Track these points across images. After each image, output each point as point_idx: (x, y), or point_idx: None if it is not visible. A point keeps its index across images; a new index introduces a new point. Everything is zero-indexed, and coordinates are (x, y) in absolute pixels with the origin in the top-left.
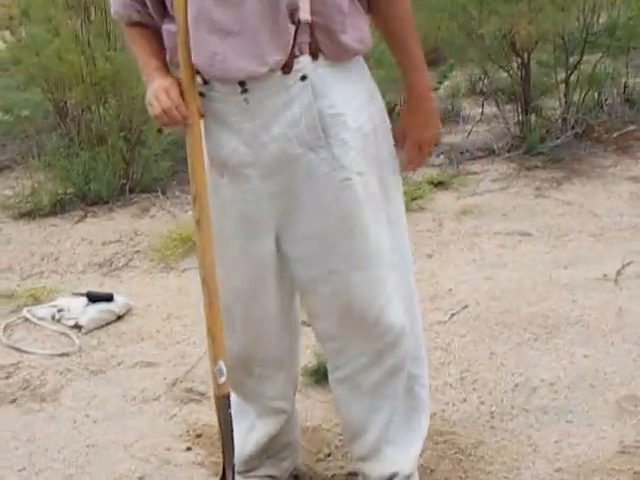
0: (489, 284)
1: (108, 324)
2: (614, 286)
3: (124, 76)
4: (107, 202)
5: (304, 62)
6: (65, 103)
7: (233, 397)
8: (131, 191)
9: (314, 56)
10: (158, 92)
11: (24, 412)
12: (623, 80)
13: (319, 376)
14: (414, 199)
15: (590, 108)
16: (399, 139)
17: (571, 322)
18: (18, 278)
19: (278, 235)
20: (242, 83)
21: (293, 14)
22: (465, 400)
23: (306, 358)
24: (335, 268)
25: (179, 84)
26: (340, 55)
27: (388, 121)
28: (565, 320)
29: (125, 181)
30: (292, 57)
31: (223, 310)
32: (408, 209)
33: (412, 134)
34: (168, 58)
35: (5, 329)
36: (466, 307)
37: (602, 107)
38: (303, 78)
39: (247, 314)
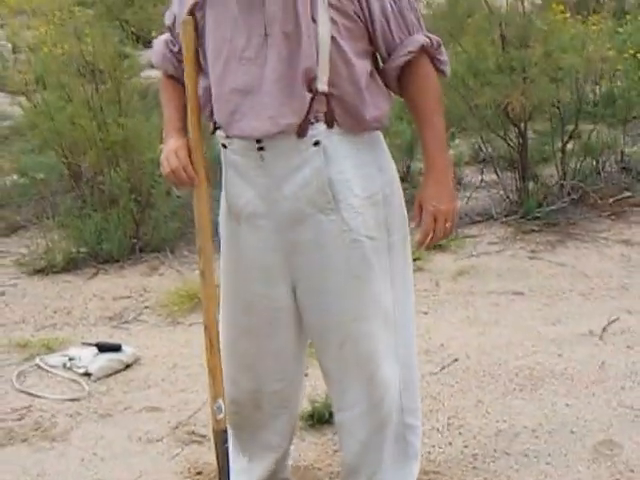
0: (480, 339)
1: (116, 372)
2: (599, 341)
3: (134, 141)
4: (118, 260)
5: (319, 129)
6: (79, 166)
7: (233, 442)
8: (141, 250)
9: (329, 125)
10: (169, 153)
11: (35, 450)
12: (620, 149)
13: (313, 421)
14: (414, 260)
15: (587, 175)
16: (416, 212)
17: (556, 374)
18: (32, 329)
19: (293, 283)
20: (259, 141)
21: (310, 82)
22: (450, 444)
23: (302, 404)
24: (342, 320)
25: (189, 146)
26: (354, 128)
27: (400, 191)
28: (550, 372)
29: (135, 241)
30: (307, 123)
31: (235, 348)
32: None
33: (428, 207)
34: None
35: (19, 375)
36: (457, 360)
37: (599, 174)
38: (316, 144)
39: (263, 350)
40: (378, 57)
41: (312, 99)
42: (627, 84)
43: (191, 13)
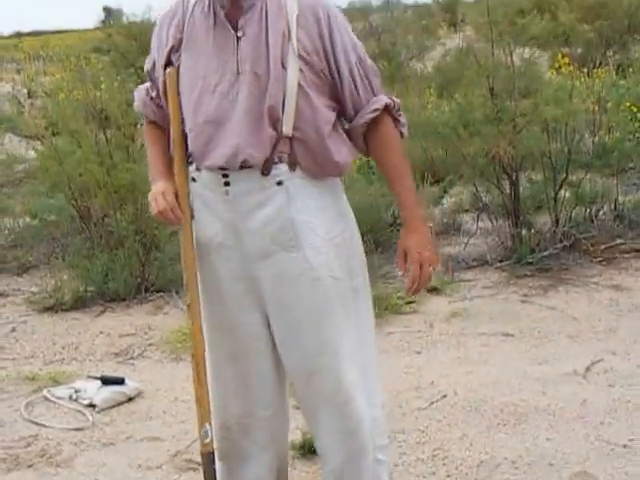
0: (468, 377)
1: (120, 404)
2: (582, 380)
3: (141, 185)
4: (124, 299)
5: (282, 170)
6: (88, 209)
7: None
8: (146, 290)
9: (291, 167)
10: (157, 195)
11: (40, 475)
12: (614, 197)
13: (304, 450)
14: (408, 303)
15: (580, 222)
16: (400, 261)
17: (539, 410)
18: (41, 363)
19: (266, 312)
20: (225, 175)
21: (275, 122)
22: (434, 473)
23: (294, 435)
24: (308, 355)
25: (175, 188)
26: (316, 173)
27: (359, 235)
28: (534, 409)
29: (141, 281)
30: (271, 162)
31: (222, 374)
32: (402, 312)
33: (413, 254)
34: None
35: (26, 406)
36: (445, 396)
37: (592, 221)
38: (279, 183)
39: (248, 375)
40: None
41: (277, 139)
42: (621, 135)
43: (168, 56)
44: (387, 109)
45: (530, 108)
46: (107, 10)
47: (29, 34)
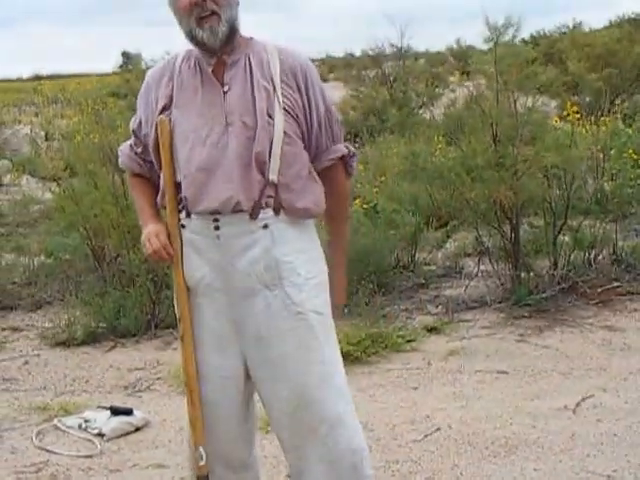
0: (462, 412)
1: (127, 434)
2: (572, 415)
3: None
4: (134, 335)
5: (268, 214)
6: (102, 248)
7: None
8: (156, 326)
9: (276, 211)
10: (150, 236)
11: None
12: (612, 243)
13: None
14: (409, 341)
15: (579, 266)
16: (340, 293)
17: (529, 443)
18: (52, 395)
19: (244, 354)
20: (216, 220)
21: (262, 168)
22: None
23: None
24: (292, 387)
25: (167, 229)
26: (297, 215)
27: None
28: (524, 442)
29: (151, 317)
30: (259, 206)
31: (206, 416)
32: (402, 350)
33: (343, 286)
34: (159, 202)
35: (37, 434)
36: (439, 429)
37: (591, 265)
38: (265, 227)
39: (216, 415)
40: None
41: (264, 185)
42: (621, 182)
43: (160, 114)
44: (342, 158)
45: (531, 155)
46: (126, 55)
47: (48, 77)
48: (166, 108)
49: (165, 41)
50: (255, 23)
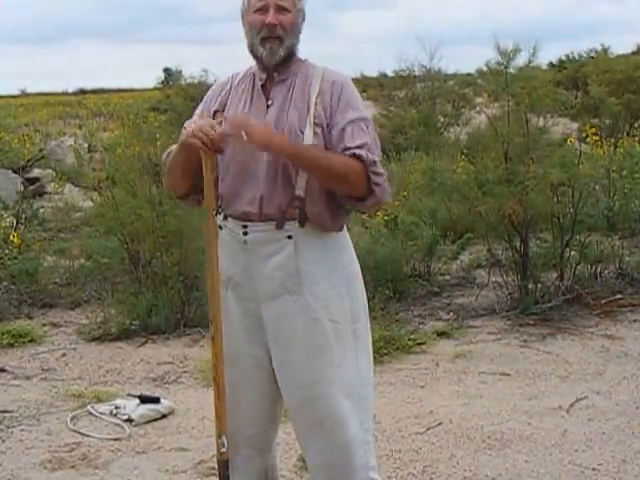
0: (464, 408)
1: (154, 420)
2: (565, 414)
3: (187, 231)
4: (165, 332)
5: (293, 225)
6: (138, 252)
7: None
8: (185, 325)
9: (301, 224)
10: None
11: (80, 474)
12: (618, 258)
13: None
14: (419, 344)
15: (585, 278)
16: None
17: (522, 438)
18: (87, 384)
19: (268, 347)
20: (245, 226)
21: (290, 182)
22: None
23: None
24: (303, 384)
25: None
26: (323, 227)
27: (362, 283)
28: (518, 437)
29: (181, 316)
30: (285, 218)
31: (238, 400)
32: (412, 352)
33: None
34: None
35: (72, 419)
36: (440, 424)
37: (596, 278)
38: (290, 237)
39: (241, 399)
40: None
41: (291, 198)
42: (628, 200)
43: (213, 116)
44: (360, 159)
45: (539, 172)
46: (167, 71)
47: (92, 91)
48: (217, 113)
49: (205, 59)
50: None
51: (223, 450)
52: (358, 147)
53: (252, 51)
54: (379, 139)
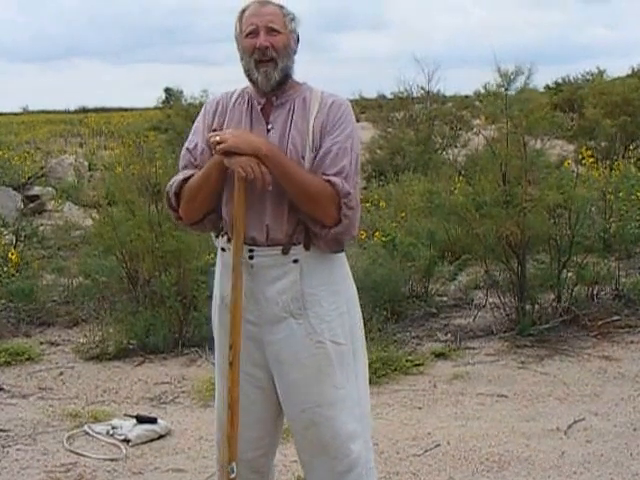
0: (461, 430)
1: (151, 440)
2: (563, 435)
3: (185, 252)
4: (162, 352)
5: (299, 250)
6: (136, 271)
7: None
8: (183, 345)
9: (307, 248)
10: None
11: None
12: (614, 279)
13: None
14: (417, 365)
15: (581, 299)
16: None
17: (521, 460)
18: (84, 403)
19: (271, 371)
20: (251, 250)
21: (294, 209)
22: None
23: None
24: (306, 407)
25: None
26: (327, 249)
27: (358, 306)
28: (516, 458)
29: (178, 336)
30: (290, 243)
31: (220, 418)
32: (410, 373)
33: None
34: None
35: (68, 438)
36: (438, 445)
37: (593, 299)
38: (295, 261)
39: (250, 424)
40: None
41: (296, 223)
42: (625, 223)
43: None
44: (334, 187)
45: (536, 194)
46: (168, 91)
47: (93, 110)
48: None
49: (205, 80)
50: None
51: (232, 476)
52: (336, 174)
53: (248, 76)
54: (378, 160)
